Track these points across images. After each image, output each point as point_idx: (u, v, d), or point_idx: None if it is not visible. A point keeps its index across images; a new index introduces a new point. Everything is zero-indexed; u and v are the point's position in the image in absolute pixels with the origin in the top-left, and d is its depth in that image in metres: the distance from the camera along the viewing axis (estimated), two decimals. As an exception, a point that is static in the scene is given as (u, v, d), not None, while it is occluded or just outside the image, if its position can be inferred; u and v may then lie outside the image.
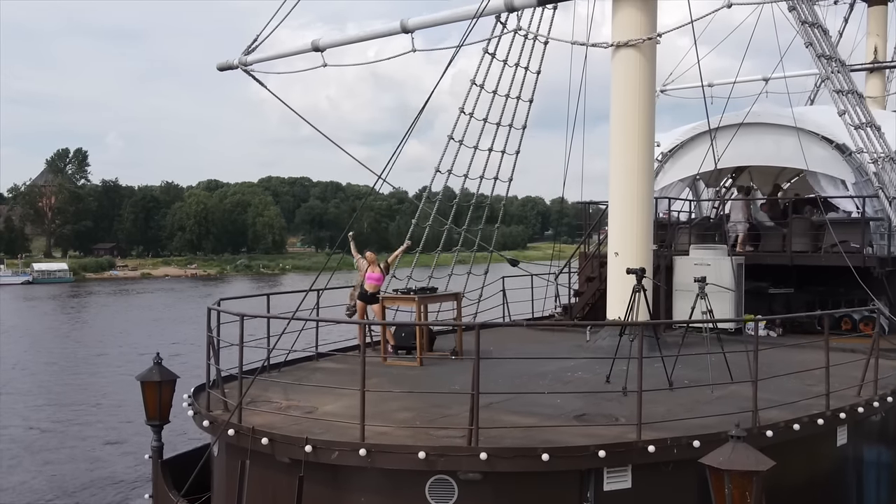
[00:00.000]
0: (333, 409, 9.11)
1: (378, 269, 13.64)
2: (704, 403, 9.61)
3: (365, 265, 13.70)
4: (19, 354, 46.93)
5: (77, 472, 22.39)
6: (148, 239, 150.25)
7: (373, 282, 13.51)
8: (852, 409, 9.60)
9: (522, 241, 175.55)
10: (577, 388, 10.74)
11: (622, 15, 13.51)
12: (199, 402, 9.71)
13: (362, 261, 13.86)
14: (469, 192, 18.37)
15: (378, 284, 13.57)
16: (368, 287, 13.52)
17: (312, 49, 16.59)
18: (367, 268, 13.62)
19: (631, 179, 13.79)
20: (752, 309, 17.64)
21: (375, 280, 13.53)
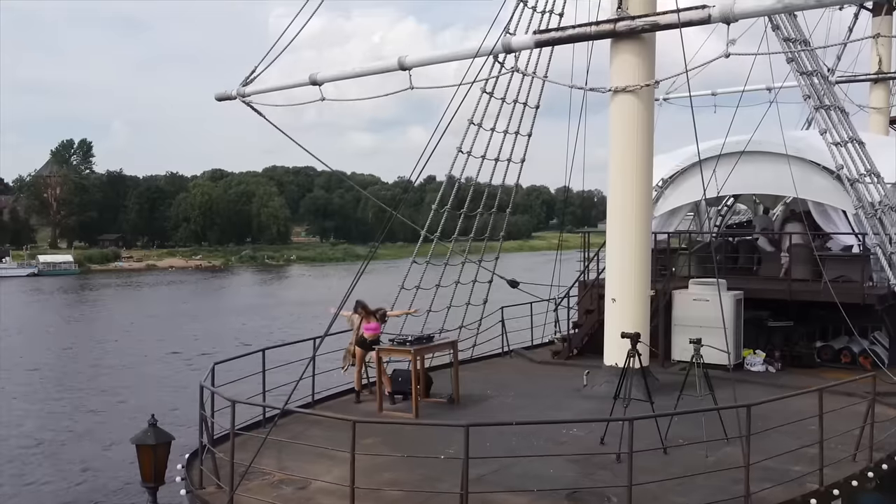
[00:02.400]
0: (326, 486, 9.11)
1: (374, 320, 13.64)
2: (698, 474, 9.56)
3: (357, 320, 13.68)
4: (28, 351, 47.29)
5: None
6: (153, 230, 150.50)
7: (371, 332, 13.53)
8: (846, 483, 9.58)
9: (527, 231, 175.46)
10: (571, 450, 10.73)
11: (620, 61, 13.43)
12: (192, 475, 9.73)
13: (355, 317, 13.83)
14: (475, 181, 18.16)
15: (377, 333, 13.60)
16: (367, 336, 13.54)
17: (310, 83, 16.56)
18: (361, 321, 13.59)
19: (628, 225, 13.76)
20: (752, 342, 17.65)
21: (373, 330, 13.56)
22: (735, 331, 16.65)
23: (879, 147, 20.56)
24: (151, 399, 31.23)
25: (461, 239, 17.95)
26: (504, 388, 14.73)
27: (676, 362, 16.50)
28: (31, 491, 21.91)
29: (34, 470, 23.63)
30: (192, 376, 37.29)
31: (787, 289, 17.02)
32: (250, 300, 79.87)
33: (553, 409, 12.99)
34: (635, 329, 14.02)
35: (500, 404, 13.54)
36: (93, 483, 22.19)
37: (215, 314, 66.77)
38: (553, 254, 19.70)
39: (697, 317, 16.42)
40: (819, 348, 17.78)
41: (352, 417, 8.29)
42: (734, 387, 11.50)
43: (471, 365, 17.24)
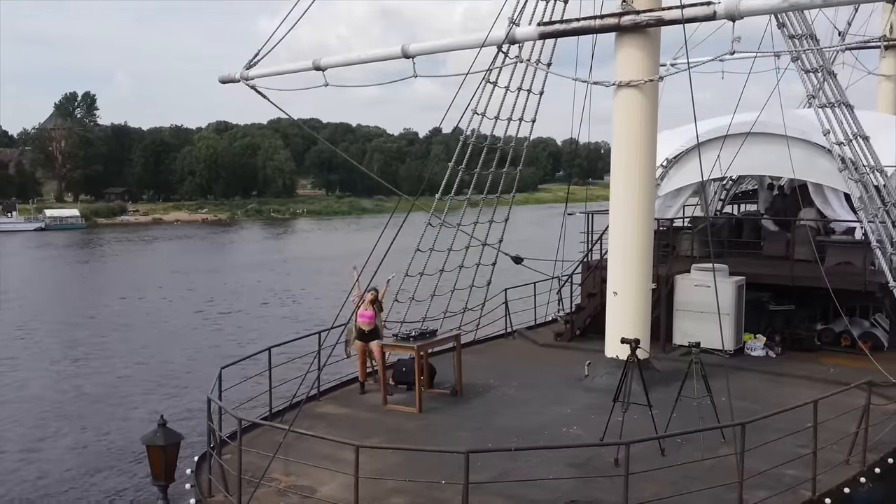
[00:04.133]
0: (331, 492, 9.37)
1: (371, 308, 13.80)
2: (693, 479, 9.77)
3: (364, 301, 13.80)
4: (52, 310, 47.87)
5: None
6: (158, 183, 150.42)
7: (365, 319, 13.71)
8: (838, 490, 9.81)
9: (533, 184, 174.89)
10: (570, 453, 10.95)
11: (624, 55, 13.34)
12: (200, 481, 10.02)
13: (368, 295, 13.86)
14: (483, 135, 17.46)
15: (371, 322, 13.77)
16: (363, 326, 13.72)
17: (313, 68, 16.49)
18: (361, 304, 13.74)
19: (630, 219, 13.82)
20: (753, 325, 17.80)
21: (368, 318, 13.73)
22: (736, 317, 16.83)
23: (885, 127, 20.48)
24: (180, 358, 32.91)
25: (465, 195, 17.67)
26: (506, 376, 14.95)
27: (677, 346, 16.71)
28: (71, 448, 22.75)
29: (73, 427, 24.68)
30: (216, 336, 38.11)
31: (789, 274, 17.08)
32: (262, 256, 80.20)
33: (555, 403, 13.23)
34: (636, 321, 14.26)
35: (503, 396, 13.77)
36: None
37: (230, 270, 67.23)
38: (560, 206, 19.72)
39: (699, 302, 16.57)
40: (820, 331, 17.93)
41: (354, 442, 8.44)
42: (728, 384, 11.59)
43: (474, 347, 17.47)
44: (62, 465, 21.83)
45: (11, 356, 35.68)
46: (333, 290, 51.33)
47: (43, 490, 19.85)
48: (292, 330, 39.24)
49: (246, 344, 36.34)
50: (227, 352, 34.41)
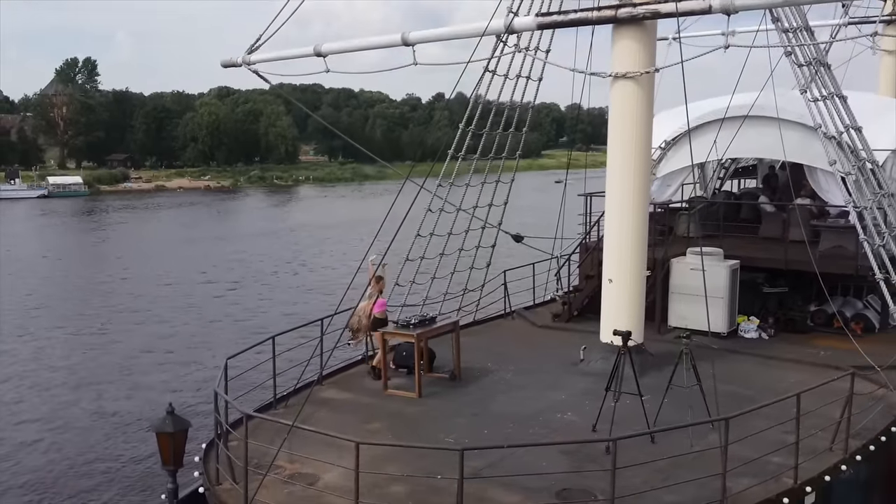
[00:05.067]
0: (334, 479, 9.80)
1: (382, 296, 14.20)
2: (681, 468, 10.14)
3: (376, 291, 14.17)
4: (63, 280, 48.43)
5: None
6: (161, 150, 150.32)
7: (382, 308, 14.08)
8: (819, 478, 10.22)
9: (537, 149, 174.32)
10: (564, 439, 11.39)
11: (621, 46, 13.51)
12: (208, 470, 10.47)
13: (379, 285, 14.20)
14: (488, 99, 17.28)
15: (383, 310, 14.16)
16: (379, 315, 14.11)
17: (314, 54, 16.67)
18: (378, 297, 14.10)
19: (626, 207, 14.10)
20: (747, 307, 18.14)
21: (382, 307, 14.10)
22: (730, 300, 17.17)
23: (881, 111, 20.62)
24: (192, 328, 34.04)
25: (470, 159, 17.70)
26: (504, 360, 15.33)
27: (673, 328, 17.09)
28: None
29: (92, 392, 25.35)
30: (227, 307, 38.73)
31: (782, 257, 17.37)
32: (269, 224, 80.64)
33: (550, 389, 13.63)
34: (631, 307, 14.63)
35: (500, 381, 14.17)
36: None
37: (238, 239, 67.67)
38: (563, 173, 19.67)
39: (694, 285, 16.82)
40: (812, 312, 18.28)
41: (355, 439, 8.82)
42: (714, 374, 11.94)
43: (473, 329, 17.86)
44: (79, 434, 22.49)
45: (23, 325, 36.35)
46: (343, 260, 51.93)
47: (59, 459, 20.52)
48: (304, 300, 39.91)
49: (257, 314, 37.00)
50: (238, 323, 35.15)
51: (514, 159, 18.18)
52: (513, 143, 17.98)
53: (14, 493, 19.10)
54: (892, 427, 11.99)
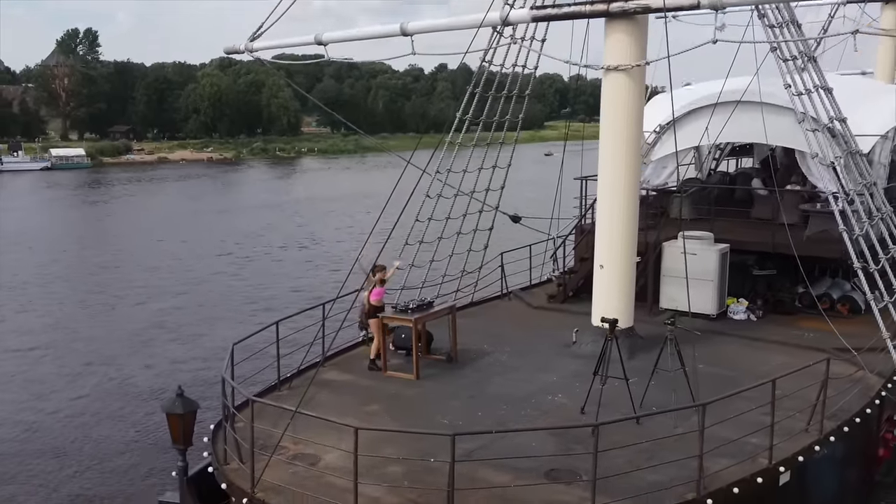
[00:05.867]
0: (335, 460, 10.39)
1: (382, 285, 14.70)
2: (664, 449, 10.70)
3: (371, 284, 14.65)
4: (75, 255, 49.04)
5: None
6: (163, 121, 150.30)
7: (379, 297, 14.61)
8: (793, 458, 10.80)
9: (539, 121, 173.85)
10: (553, 422, 11.99)
11: (613, 40, 13.88)
12: (217, 450, 11.09)
13: (379, 275, 14.71)
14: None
15: (380, 298, 14.68)
16: (376, 303, 14.64)
17: (315, 42, 17.06)
18: (374, 286, 14.59)
19: (616, 195, 14.57)
20: (737, 289, 18.66)
21: (379, 295, 14.63)
22: (719, 283, 17.69)
23: (873, 95, 20.97)
24: (206, 300, 34.91)
25: (472, 132, 18.02)
26: (500, 341, 15.89)
27: (664, 310, 17.62)
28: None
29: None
30: (236, 281, 39.42)
31: (770, 241, 17.84)
32: (273, 196, 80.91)
33: (543, 371, 14.20)
34: (621, 292, 15.16)
35: (495, 363, 14.74)
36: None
37: (244, 211, 68.12)
38: (571, 144, 19.55)
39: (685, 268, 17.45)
40: (800, 294, 18.80)
41: (354, 424, 9.39)
42: (694, 360, 12.49)
43: (470, 310, 18.41)
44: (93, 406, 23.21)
45: (34, 299, 37.03)
46: (350, 233, 52.40)
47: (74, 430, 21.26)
48: (311, 275, 40.49)
49: (267, 289, 37.59)
50: (247, 297, 35.80)
51: (514, 131, 18.48)
52: (514, 115, 18.23)
53: (31, 460, 19.84)
54: (868, 408, 12.56)
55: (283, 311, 29.90)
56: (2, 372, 26.88)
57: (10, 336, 31.13)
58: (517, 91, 17.59)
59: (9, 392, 24.81)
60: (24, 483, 18.92)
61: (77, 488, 18.60)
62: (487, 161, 18.45)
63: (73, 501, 18.10)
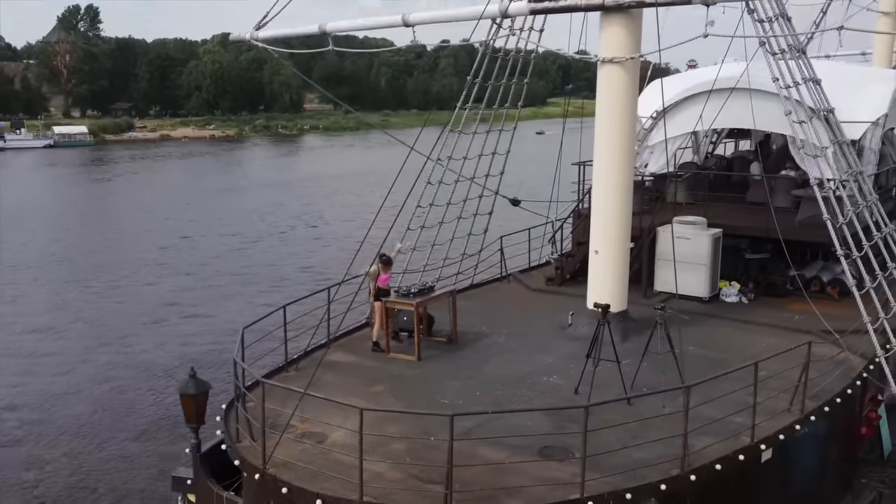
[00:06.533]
0: (341, 438, 11.00)
1: (388, 271, 15.28)
2: (652, 428, 11.26)
3: (376, 273, 15.20)
4: (88, 233, 49.67)
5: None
6: (165, 98, 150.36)
7: (384, 283, 15.20)
8: (774, 436, 11.40)
9: (542, 97, 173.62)
10: (548, 402, 12.58)
11: (608, 33, 14.32)
12: (229, 428, 11.72)
13: (373, 269, 15.26)
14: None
15: (388, 283, 15.28)
16: (382, 286, 15.24)
17: (319, 32, 17.52)
18: (379, 274, 15.15)
19: (612, 183, 15.06)
20: (730, 272, 19.19)
21: (386, 281, 15.23)
22: (712, 266, 18.22)
23: (866, 81, 21.37)
24: (217, 279, 36.13)
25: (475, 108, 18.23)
26: (498, 323, 16.46)
27: (658, 293, 18.19)
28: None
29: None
30: (248, 260, 40.09)
31: (763, 226, 18.33)
32: (278, 174, 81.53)
33: (539, 352, 14.77)
34: (615, 276, 15.72)
35: (493, 345, 15.31)
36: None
37: (251, 190, 68.68)
38: (568, 122, 20.15)
39: (679, 252, 17.96)
40: (791, 277, 19.32)
41: (359, 405, 9.98)
42: (680, 342, 13.06)
43: (471, 292, 18.96)
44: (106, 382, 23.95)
45: (46, 276, 37.69)
46: (357, 212, 52.90)
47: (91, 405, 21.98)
48: (320, 254, 41.12)
49: (275, 268, 38.22)
50: (256, 275, 36.46)
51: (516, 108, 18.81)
52: (515, 94, 18.58)
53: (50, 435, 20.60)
54: (849, 389, 13.14)
55: (292, 289, 30.80)
56: (16, 350, 27.63)
57: (22, 316, 31.83)
58: (519, 68, 17.91)
59: (27, 371, 25.56)
60: (46, 459, 19.69)
61: (94, 461, 19.38)
62: (488, 147, 18.89)
63: (90, 474, 18.87)
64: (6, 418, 22.31)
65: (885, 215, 15.13)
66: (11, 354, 27.28)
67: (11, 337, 29.07)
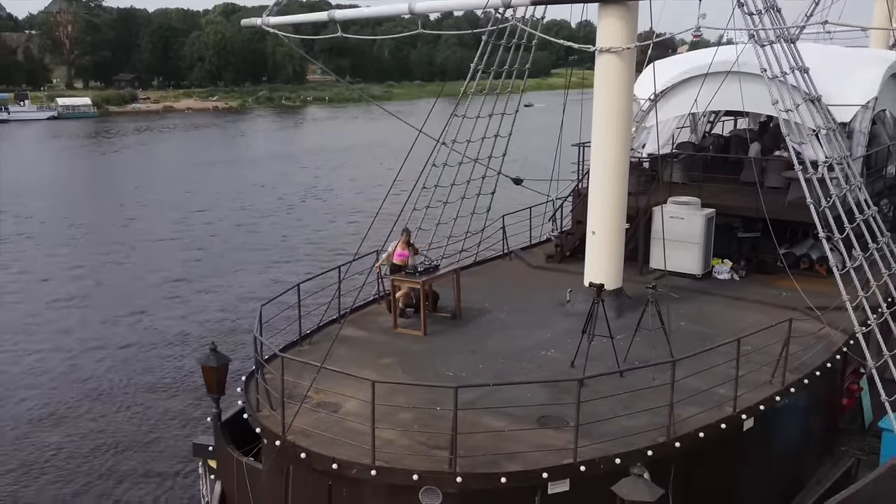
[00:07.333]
0: (354, 408, 11.88)
1: (408, 249, 16.10)
2: (642, 399, 12.10)
3: (393, 246, 16.06)
4: (104, 206, 50.41)
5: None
6: (167, 69, 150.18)
7: (401, 258, 16.03)
8: (755, 407, 12.27)
9: (545, 69, 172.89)
10: (546, 374, 13.46)
11: (606, 24, 14.99)
12: (250, 398, 12.62)
13: (403, 236, 16.08)
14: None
15: (405, 260, 16.09)
16: (397, 261, 16.07)
17: (328, 20, 18.22)
18: (398, 247, 15.99)
19: (609, 168, 15.82)
20: (723, 250, 19.98)
21: (403, 257, 16.05)
22: (705, 245, 19.00)
23: (857, 64, 21.95)
24: (235, 250, 37.06)
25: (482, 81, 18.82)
26: (500, 299, 17.29)
27: (653, 269, 19.01)
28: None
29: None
30: (261, 238, 40.86)
31: (754, 206, 19.07)
32: (285, 147, 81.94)
33: (538, 328, 15.63)
34: (611, 255, 16.53)
35: (494, 320, 16.16)
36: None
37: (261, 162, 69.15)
38: (571, 93, 20.35)
39: (673, 231, 18.80)
40: (782, 255, 20.10)
41: (371, 377, 10.86)
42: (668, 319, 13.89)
43: (474, 269, 19.78)
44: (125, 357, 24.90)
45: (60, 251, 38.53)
46: (366, 184, 53.55)
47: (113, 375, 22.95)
48: (332, 227, 41.86)
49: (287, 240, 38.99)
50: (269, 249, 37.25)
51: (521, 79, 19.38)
52: (520, 66, 19.21)
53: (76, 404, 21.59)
54: (829, 363, 13.99)
55: (304, 263, 31.68)
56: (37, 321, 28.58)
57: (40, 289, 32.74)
58: (523, 46, 18.54)
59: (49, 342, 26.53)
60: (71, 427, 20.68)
61: (119, 430, 20.36)
62: (491, 130, 19.64)
63: (115, 441, 19.85)
64: (32, 385, 23.33)
65: (868, 199, 15.86)
66: (37, 323, 28.30)
67: (38, 307, 30.05)
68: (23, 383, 23.44)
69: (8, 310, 30.09)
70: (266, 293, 16.33)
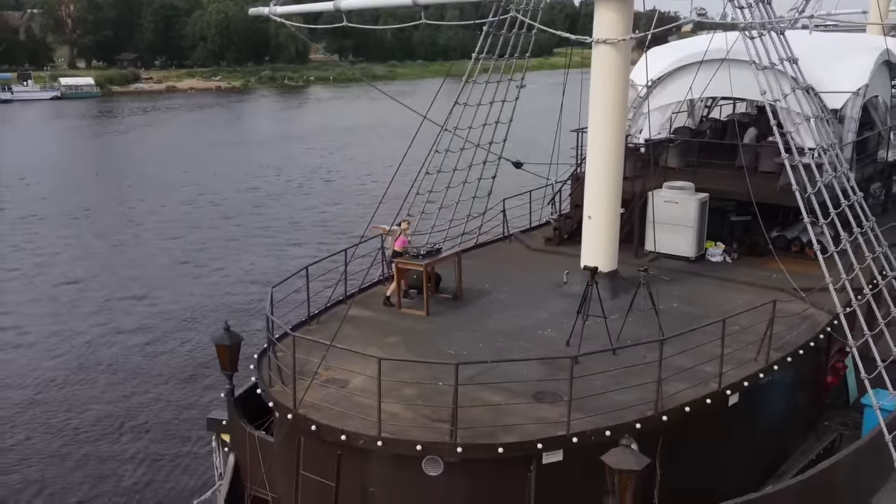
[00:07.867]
0: (361, 384, 12.59)
1: (406, 235, 16.80)
2: (633, 376, 12.79)
3: (398, 232, 16.74)
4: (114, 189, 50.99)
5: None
6: (170, 49, 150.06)
7: (401, 245, 16.72)
8: (739, 383, 12.97)
9: (548, 47, 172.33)
10: (542, 352, 14.16)
11: (602, 15, 15.54)
12: (262, 374, 13.35)
13: (395, 228, 16.77)
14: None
15: (405, 246, 16.79)
16: (399, 248, 16.76)
17: (334, 10, 18.76)
18: (400, 235, 16.68)
19: (605, 155, 16.43)
20: (716, 233, 20.62)
21: (403, 243, 16.74)
22: (698, 228, 19.64)
23: (849, 51, 22.47)
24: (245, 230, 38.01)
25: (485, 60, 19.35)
26: (500, 281, 17.97)
27: (648, 252, 19.67)
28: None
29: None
30: (270, 222, 41.48)
31: (746, 190, 19.67)
32: (289, 127, 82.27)
33: (536, 308, 16.32)
34: (607, 238, 17.19)
35: (494, 301, 16.86)
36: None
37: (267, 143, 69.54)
38: (573, 72, 20.32)
39: (668, 215, 19.42)
40: (774, 238, 20.74)
41: (377, 355, 11.57)
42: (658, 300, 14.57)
43: (475, 252, 20.44)
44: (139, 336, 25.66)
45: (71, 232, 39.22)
46: (372, 165, 54.03)
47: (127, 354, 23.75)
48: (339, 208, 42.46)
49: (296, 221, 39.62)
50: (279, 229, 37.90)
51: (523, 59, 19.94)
52: (523, 46, 19.72)
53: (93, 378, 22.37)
54: (812, 342, 14.68)
55: (312, 244, 32.36)
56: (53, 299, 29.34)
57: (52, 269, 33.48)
58: (525, 28, 19.12)
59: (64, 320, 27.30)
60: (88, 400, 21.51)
61: (133, 404, 21.17)
62: (492, 117, 20.25)
63: (130, 414, 20.67)
64: (46, 366, 24.14)
65: (855, 185, 16.46)
66: (49, 302, 29.07)
67: (48, 288, 30.80)
68: (35, 363, 24.24)
69: (19, 291, 30.86)
70: (275, 275, 17.00)
